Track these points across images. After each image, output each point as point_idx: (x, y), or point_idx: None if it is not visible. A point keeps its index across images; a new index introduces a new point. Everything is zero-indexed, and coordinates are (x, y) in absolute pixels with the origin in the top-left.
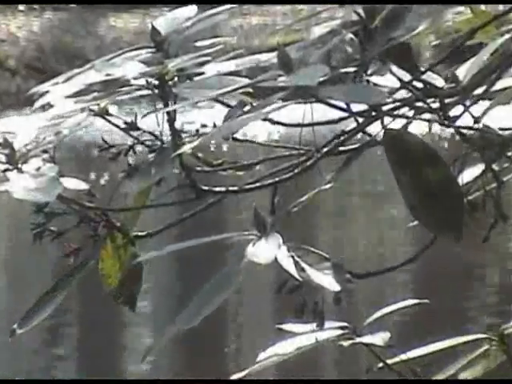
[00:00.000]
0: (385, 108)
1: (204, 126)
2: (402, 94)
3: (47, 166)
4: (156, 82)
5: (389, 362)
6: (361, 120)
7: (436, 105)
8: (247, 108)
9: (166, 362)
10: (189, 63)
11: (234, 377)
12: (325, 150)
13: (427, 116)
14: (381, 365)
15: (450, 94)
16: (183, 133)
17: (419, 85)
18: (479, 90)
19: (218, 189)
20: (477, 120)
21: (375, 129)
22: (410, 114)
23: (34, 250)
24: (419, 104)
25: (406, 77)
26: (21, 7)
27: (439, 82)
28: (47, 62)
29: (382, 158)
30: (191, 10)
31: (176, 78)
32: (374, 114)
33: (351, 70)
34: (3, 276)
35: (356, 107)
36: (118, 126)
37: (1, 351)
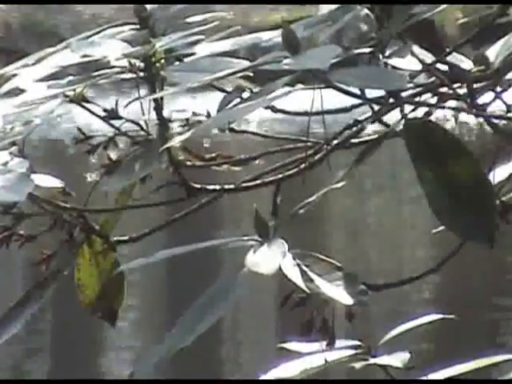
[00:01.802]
0: (404, 94)
1: (196, 114)
2: (425, 78)
3: (16, 160)
4: (141, 64)
5: None
6: (377, 108)
7: (463, 90)
8: (246, 94)
9: None
10: (178, 42)
11: None
12: (335, 142)
13: (453, 103)
14: None
15: (479, 79)
16: (172, 122)
17: (444, 68)
18: None
19: (211, 187)
20: (510, 108)
21: (394, 118)
22: (433, 101)
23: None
24: (444, 90)
25: (429, 58)
26: None
27: (467, 64)
28: (15, 41)
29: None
30: None
31: (164, 60)
32: (392, 101)
33: (366, 50)
34: None
35: (371, 93)
36: (96, 115)
37: None
